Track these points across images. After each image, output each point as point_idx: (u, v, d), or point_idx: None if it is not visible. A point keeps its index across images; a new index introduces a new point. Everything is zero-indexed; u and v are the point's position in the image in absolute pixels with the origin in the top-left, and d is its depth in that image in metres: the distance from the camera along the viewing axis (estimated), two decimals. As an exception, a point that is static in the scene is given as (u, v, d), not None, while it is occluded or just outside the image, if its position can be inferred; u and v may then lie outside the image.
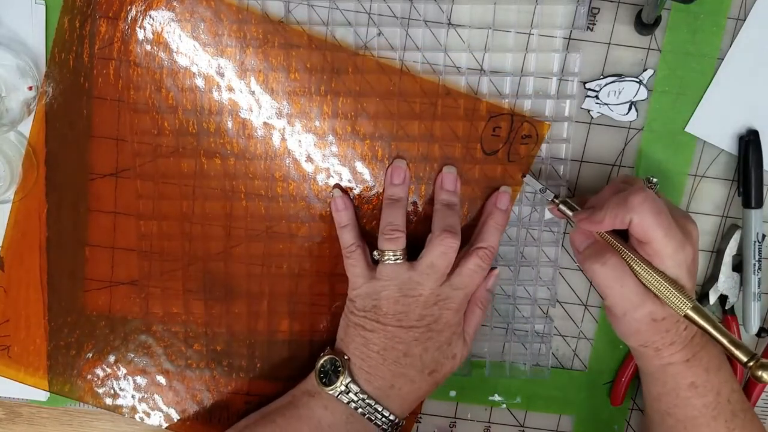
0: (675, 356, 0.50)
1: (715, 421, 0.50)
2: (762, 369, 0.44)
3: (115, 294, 0.58)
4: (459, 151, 0.55)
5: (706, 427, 0.51)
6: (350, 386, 0.52)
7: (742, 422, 0.51)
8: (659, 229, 0.47)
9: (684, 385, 0.50)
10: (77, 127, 0.55)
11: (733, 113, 0.54)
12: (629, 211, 0.47)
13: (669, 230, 0.47)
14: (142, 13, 0.53)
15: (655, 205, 0.47)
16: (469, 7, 0.53)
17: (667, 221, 0.47)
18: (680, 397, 0.51)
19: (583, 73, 0.54)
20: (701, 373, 0.50)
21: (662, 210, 0.47)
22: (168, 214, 0.57)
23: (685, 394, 0.50)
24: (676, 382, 0.50)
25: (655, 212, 0.47)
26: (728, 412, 0.51)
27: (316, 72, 0.54)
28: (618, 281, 0.48)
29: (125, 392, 0.60)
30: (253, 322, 0.59)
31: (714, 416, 0.50)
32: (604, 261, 0.48)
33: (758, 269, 0.55)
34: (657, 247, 0.47)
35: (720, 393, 0.50)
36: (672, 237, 0.47)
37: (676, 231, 0.47)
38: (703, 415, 0.51)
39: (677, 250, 0.47)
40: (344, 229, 0.54)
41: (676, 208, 0.51)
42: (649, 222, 0.46)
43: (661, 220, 0.47)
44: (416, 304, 0.51)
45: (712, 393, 0.50)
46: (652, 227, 0.47)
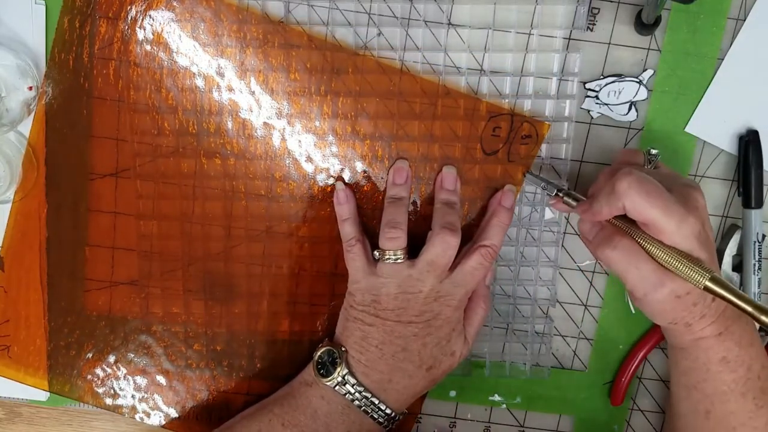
0: (706, 330, 0.48)
1: (743, 398, 0.49)
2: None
3: (115, 294, 0.58)
4: (459, 151, 0.55)
5: (734, 403, 0.49)
6: (347, 378, 0.52)
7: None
8: (654, 209, 0.45)
9: (715, 360, 0.49)
10: (77, 127, 0.55)
11: (733, 113, 0.54)
12: (619, 197, 0.46)
13: (665, 207, 0.45)
14: (142, 13, 0.53)
15: (642, 186, 0.45)
16: (469, 7, 0.53)
17: (660, 199, 0.45)
18: (710, 372, 0.49)
19: (583, 73, 0.54)
20: (733, 347, 0.49)
21: (652, 189, 0.45)
22: (168, 214, 0.57)
23: (716, 369, 0.49)
24: (708, 357, 0.49)
25: (645, 193, 0.45)
26: (757, 389, 0.49)
27: (316, 72, 0.54)
28: (632, 263, 0.47)
29: (125, 392, 0.60)
30: (253, 322, 0.59)
31: (743, 392, 0.49)
32: (614, 245, 0.47)
33: (758, 269, 0.55)
34: (659, 226, 0.45)
35: (751, 368, 0.49)
36: (671, 213, 0.45)
37: (674, 205, 0.45)
38: (732, 391, 0.49)
39: (680, 224, 0.45)
40: (345, 223, 0.55)
41: (677, 178, 0.50)
42: (641, 205, 0.45)
43: (654, 200, 0.45)
44: (416, 300, 0.51)
45: (743, 368, 0.49)
46: (645, 209, 0.45)
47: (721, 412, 0.50)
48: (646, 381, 0.60)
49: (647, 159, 0.50)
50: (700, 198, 0.47)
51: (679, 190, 0.47)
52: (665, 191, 0.46)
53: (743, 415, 0.49)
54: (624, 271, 0.47)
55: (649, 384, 0.60)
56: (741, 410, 0.49)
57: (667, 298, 0.47)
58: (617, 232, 0.48)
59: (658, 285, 0.47)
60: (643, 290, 0.47)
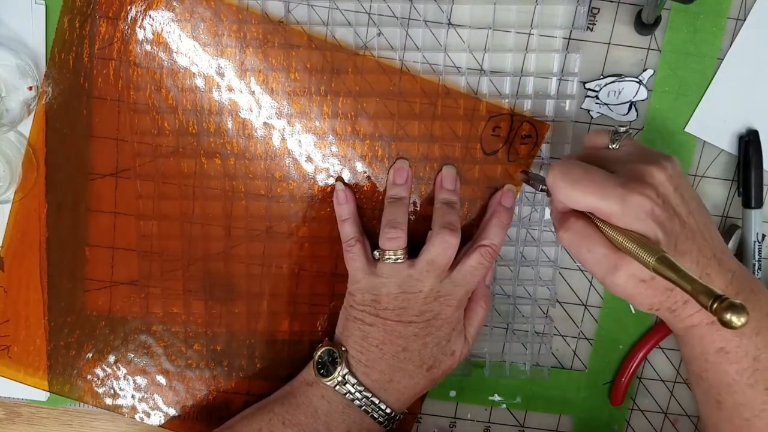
0: (695, 317, 0.45)
1: (752, 389, 0.46)
2: (731, 311, 0.34)
3: (115, 294, 0.58)
4: (459, 151, 0.55)
5: (741, 395, 0.46)
6: (347, 378, 0.52)
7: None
8: (587, 196, 0.43)
9: (712, 350, 0.46)
10: (77, 127, 0.55)
11: (733, 113, 0.54)
12: (554, 193, 0.45)
13: (599, 191, 0.43)
14: (142, 13, 0.53)
15: (568, 176, 0.43)
16: (469, 7, 0.53)
17: (591, 185, 0.43)
18: (709, 362, 0.47)
19: (583, 73, 0.54)
20: (731, 338, 0.45)
21: (579, 176, 0.43)
22: (168, 214, 0.57)
23: (715, 359, 0.46)
24: (703, 347, 0.46)
25: (571, 183, 0.43)
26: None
27: (316, 72, 0.54)
28: (584, 246, 0.44)
29: (125, 392, 0.60)
30: (253, 322, 0.59)
31: (750, 384, 0.46)
32: (567, 227, 0.45)
33: (758, 269, 0.55)
34: (601, 211, 0.43)
35: (758, 359, 0.45)
36: (608, 196, 0.42)
37: (612, 188, 0.42)
38: (737, 382, 0.46)
39: (624, 206, 0.42)
40: (345, 222, 0.55)
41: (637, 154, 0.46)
42: (572, 195, 0.43)
43: (583, 187, 0.43)
44: (416, 300, 0.51)
45: (747, 359, 0.45)
46: (578, 198, 0.43)
47: (731, 403, 0.47)
48: (646, 381, 0.60)
49: (612, 138, 0.48)
50: (657, 173, 0.44)
51: (630, 168, 0.44)
52: (599, 174, 0.43)
53: (756, 407, 0.46)
54: (578, 254, 0.45)
55: (649, 384, 0.60)
56: (752, 402, 0.46)
57: (628, 282, 0.44)
58: (573, 214, 0.46)
59: (612, 269, 0.43)
60: (599, 274, 0.45)
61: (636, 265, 0.43)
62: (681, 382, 0.60)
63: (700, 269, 0.44)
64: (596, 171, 0.44)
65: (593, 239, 0.44)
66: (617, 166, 0.45)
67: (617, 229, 0.43)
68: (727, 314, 0.34)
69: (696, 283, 0.37)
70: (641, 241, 0.41)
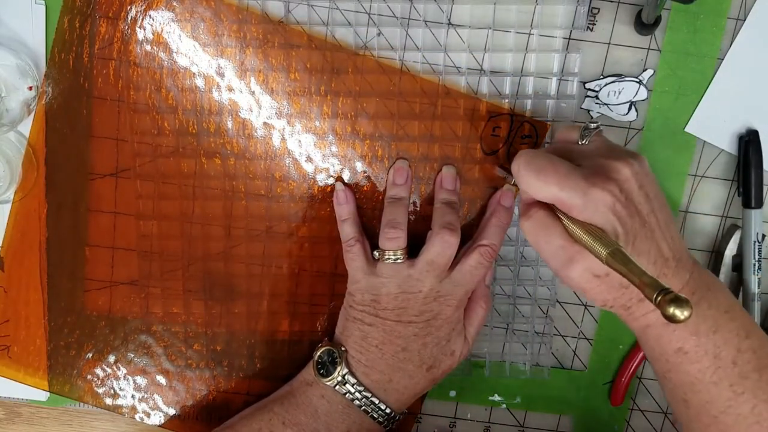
0: (650, 316, 0.45)
1: (716, 387, 0.45)
2: (674, 304, 0.34)
3: (115, 294, 0.58)
4: (459, 151, 0.55)
5: (707, 393, 0.46)
6: (347, 378, 0.52)
7: (754, 383, 0.45)
8: (549, 186, 0.43)
9: (671, 351, 0.46)
10: (77, 127, 0.55)
11: (733, 113, 0.54)
12: (518, 181, 0.44)
13: (562, 182, 0.42)
14: (142, 13, 0.53)
15: (532, 165, 0.43)
16: (469, 7, 0.53)
17: (555, 175, 0.43)
18: (671, 363, 0.46)
19: (583, 73, 0.54)
20: (688, 337, 0.45)
21: (544, 165, 0.43)
22: (168, 214, 0.57)
23: (675, 360, 0.46)
24: (662, 347, 0.46)
25: (535, 172, 0.43)
26: (734, 376, 0.45)
27: (316, 72, 0.54)
28: (542, 236, 0.44)
29: (125, 392, 0.60)
30: (253, 322, 0.59)
31: (714, 381, 0.45)
32: (528, 216, 0.45)
33: (758, 269, 0.55)
34: (563, 202, 0.43)
35: (719, 356, 0.45)
36: (571, 187, 0.42)
37: (575, 180, 0.42)
38: (701, 381, 0.46)
39: (586, 198, 0.42)
40: (345, 223, 0.55)
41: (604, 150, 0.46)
42: (535, 185, 0.43)
43: (546, 177, 0.43)
44: (415, 300, 0.51)
45: (707, 357, 0.45)
46: (540, 188, 0.43)
47: (697, 401, 0.47)
48: (646, 381, 0.60)
49: (582, 134, 0.48)
50: (623, 168, 0.43)
51: (596, 162, 0.44)
52: (564, 166, 0.43)
53: (722, 403, 0.46)
54: (536, 244, 0.45)
55: (649, 384, 0.60)
56: (718, 399, 0.46)
57: (582, 276, 0.43)
58: (536, 204, 0.45)
59: (567, 261, 0.43)
60: (554, 265, 0.44)
61: (591, 260, 0.42)
62: (681, 382, 0.60)
63: (657, 269, 0.44)
64: (561, 162, 0.44)
65: (552, 230, 0.44)
66: (584, 160, 0.45)
67: (577, 221, 0.43)
68: (671, 308, 0.34)
69: (645, 276, 0.37)
70: (598, 235, 0.41)
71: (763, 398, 0.45)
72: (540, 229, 0.44)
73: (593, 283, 0.43)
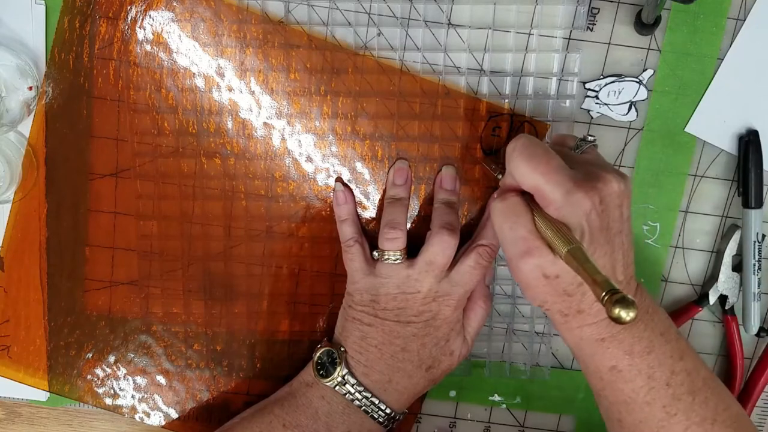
0: (585, 330, 0.45)
1: (649, 407, 0.46)
2: (619, 305, 0.34)
3: (115, 294, 0.58)
4: (459, 151, 0.55)
5: (640, 413, 0.46)
6: (347, 378, 0.52)
7: (687, 405, 0.46)
8: (535, 175, 0.43)
9: (605, 368, 0.46)
10: (77, 127, 0.55)
11: (733, 113, 0.54)
12: (508, 164, 0.44)
13: (549, 175, 0.42)
14: (142, 13, 0.53)
15: (527, 149, 0.43)
16: (469, 7, 0.53)
17: (546, 165, 0.43)
18: (605, 381, 0.46)
19: (583, 73, 0.54)
20: (622, 356, 0.45)
21: (538, 153, 0.43)
22: (168, 214, 0.57)
23: (609, 378, 0.46)
24: (596, 365, 0.46)
25: (527, 157, 0.43)
26: (667, 397, 0.46)
27: (316, 72, 0.54)
28: (508, 222, 0.44)
29: (125, 392, 0.60)
30: (253, 322, 0.59)
31: (648, 401, 0.46)
32: (503, 198, 0.45)
33: (758, 269, 0.55)
34: (543, 194, 0.43)
35: (652, 377, 0.45)
36: (556, 183, 0.42)
37: (563, 176, 0.42)
38: (634, 401, 0.46)
39: (567, 198, 0.42)
40: (344, 223, 0.55)
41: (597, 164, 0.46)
42: (523, 168, 0.43)
43: (536, 165, 0.43)
44: (414, 300, 0.51)
45: (641, 377, 0.45)
46: (527, 173, 0.43)
47: (631, 421, 0.47)
48: (646, 381, 0.60)
49: (577, 144, 0.49)
50: (611, 182, 0.43)
51: (588, 169, 0.44)
52: (556, 161, 0.43)
53: (654, 424, 0.46)
54: (500, 228, 0.45)
55: (649, 384, 0.60)
56: (651, 419, 0.46)
57: (532, 272, 0.43)
58: (515, 190, 0.46)
59: (523, 253, 0.43)
60: (510, 253, 0.44)
61: (546, 259, 0.43)
62: (681, 382, 0.60)
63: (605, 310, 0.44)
64: (555, 157, 0.44)
65: (521, 219, 0.44)
66: (575, 165, 0.45)
67: (548, 217, 0.43)
68: (616, 308, 0.34)
69: (599, 275, 0.37)
70: (564, 232, 0.41)
71: (696, 420, 0.46)
72: (510, 213, 0.45)
73: (540, 281, 0.44)
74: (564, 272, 0.43)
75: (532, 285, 0.44)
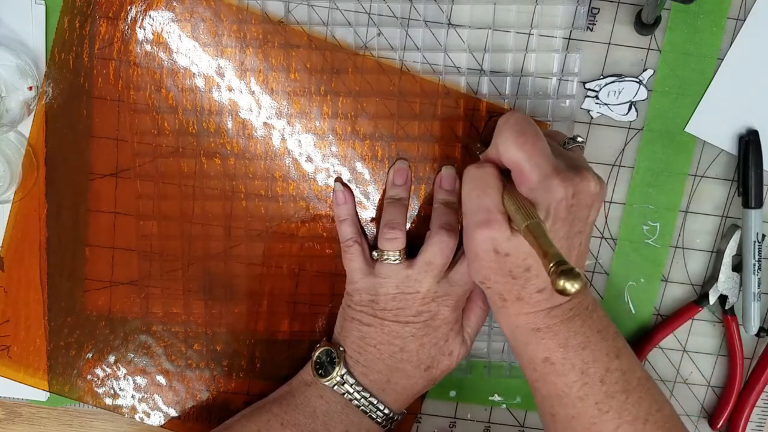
0: (521, 318, 0.46)
1: (582, 402, 0.46)
2: (564, 276, 0.35)
3: (115, 294, 0.58)
4: (459, 151, 0.55)
5: (573, 408, 0.46)
6: (346, 378, 0.52)
7: (620, 404, 0.46)
8: (519, 152, 0.43)
9: (538, 359, 0.46)
10: (77, 127, 0.55)
11: (733, 113, 0.54)
12: (496, 134, 0.44)
13: (532, 155, 0.43)
14: (142, 13, 0.53)
15: (518, 125, 0.43)
16: (469, 7, 0.53)
17: (531, 144, 0.43)
18: (538, 372, 0.47)
19: (583, 73, 0.54)
20: (556, 349, 0.45)
21: (527, 131, 0.43)
22: (168, 214, 0.57)
23: (543, 370, 0.46)
24: (529, 354, 0.46)
25: (516, 133, 0.43)
26: (601, 394, 0.46)
27: (316, 72, 0.54)
28: (478, 189, 0.44)
29: (125, 392, 0.60)
30: (253, 322, 0.59)
31: (581, 397, 0.46)
32: (480, 166, 0.45)
33: (758, 269, 0.55)
34: (521, 173, 0.43)
35: (586, 373, 0.45)
36: (537, 164, 0.42)
37: (544, 160, 0.43)
38: (567, 395, 0.46)
39: (543, 182, 0.42)
40: (343, 223, 0.55)
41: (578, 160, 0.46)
42: (508, 142, 0.43)
43: (524, 142, 0.43)
44: (413, 300, 0.51)
45: (575, 372, 0.45)
46: (511, 148, 0.43)
47: (563, 415, 0.47)
48: (646, 381, 0.60)
49: (565, 141, 0.49)
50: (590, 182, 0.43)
51: (570, 163, 0.44)
52: (543, 143, 0.43)
53: (587, 420, 0.46)
54: (467, 194, 0.45)
55: (649, 384, 0.60)
56: (583, 415, 0.46)
57: (485, 243, 0.44)
58: (493, 163, 0.46)
59: (483, 222, 0.43)
60: (469, 220, 0.45)
61: (503, 234, 0.43)
62: (681, 382, 0.60)
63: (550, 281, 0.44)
64: (544, 141, 0.44)
65: (489, 190, 0.44)
66: (559, 157, 0.45)
67: (517, 194, 0.43)
68: (561, 280, 0.35)
69: (552, 248, 0.37)
70: (528, 208, 0.42)
71: (628, 419, 0.46)
72: (481, 182, 0.45)
73: (489, 255, 0.44)
74: (515, 252, 0.43)
75: (480, 257, 0.45)
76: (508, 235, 0.43)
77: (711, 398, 0.61)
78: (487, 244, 0.44)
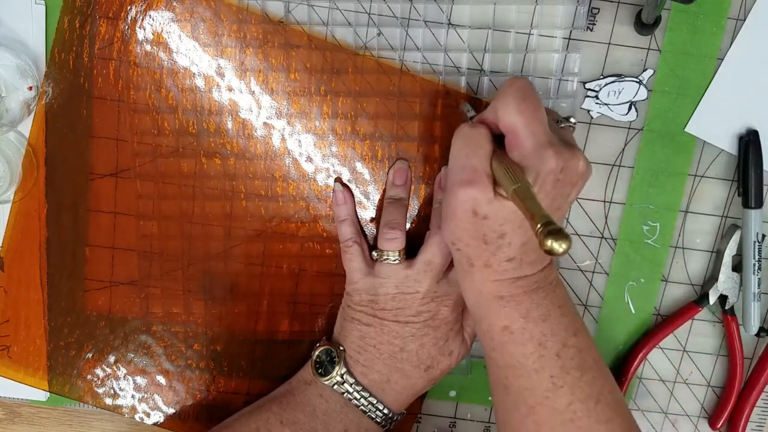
0: (486, 285, 0.45)
1: (537, 374, 0.45)
2: (552, 236, 0.35)
3: (115, 294, 0.58)
4: (459, 151, 0.55)
5: (527, 379, 0.46)
6: (345, 377, 0.52)
7: (574, 381, 0.45)
8: (519, 117, 0.43)
9: (497, 328, 0.46)
10: (77, 127, 0.55)
11: (733, 113, 0.54)
12: (498, 97, 0.44)
13: (530, 122, 0.43)
14: (142, 13, 0.53)
15: (522, 91, 0.43)
16: (469, 7, 0.53)
17: (531, 111, 0.43)
18: (495, 341, 0.46)
19: (583, 73, 0.54)
20: (517, 318, 0.45)
21: (531, 99, 0.43)
22: (168, 214, 0.57)
23: (500, 338, 0.46)
24: (489, 322, 0.46)
25: (519, 98, 0.43)
26: (556, 368, 0.45)
27: (316, 72, 0.54)
28: (468, 148, 0.44)
29: (125, 392, 0.60)
30: (252, 322, 0.59)
31: (536, 369, 0.45)
32: (473, 126, 0.45)
33: (758, 269, 0.55)
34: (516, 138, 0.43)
35: (543, 345, 0.45)
36: (534, 132, 0.43)
37: (543, 131, 0.43)
38: (523, 366, 0.46)
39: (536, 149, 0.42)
40: (343, 223, 0.55)
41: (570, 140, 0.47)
42: (509, 106, 0.43)
43: (525, 108, 0.43)
44: (413, 300, 0.51)
45: (532, 343, 0.45)
46: (510, 112, 0.43)
47: (517, 387, 0.46)
48: (646, 381, 0.60)
49: (560, 120, 0.49)
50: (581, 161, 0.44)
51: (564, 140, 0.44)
52: (543, 114, 0.43)
53: (540, 394, 0.46)
54: (456, 151, 0.45)
55: (649, 384, 0.60)
56: (537, 387, 0.46)
57: (465, 203, 0.43)
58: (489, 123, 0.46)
59: (467, 181, 0.43)
60: (453, 178, 0.44)
61: (485, 195, 0.43)
62: (681, 382, 0.60)
63: (525, 250, 0.44)
64: (545, 113, 0.44)
65: (480, 151, 0.44)
66: (554, 132, 0.45)
67: (507, 159, 0.43)
68: (549, 240, 0.35)
69: (541, 211, 0.37)
70: (517, 172, 0.41)
71: (581, 397, 0.46)
72: (472, 141, 0.44)
73: (466, 215, 0.43)
74: (494, 216, 0.43)
75: (458, 216, 0.44)
76: (491, 197, 0.43)
77: (711, 398, 0.61)
78: (467, 204, 0.43)
